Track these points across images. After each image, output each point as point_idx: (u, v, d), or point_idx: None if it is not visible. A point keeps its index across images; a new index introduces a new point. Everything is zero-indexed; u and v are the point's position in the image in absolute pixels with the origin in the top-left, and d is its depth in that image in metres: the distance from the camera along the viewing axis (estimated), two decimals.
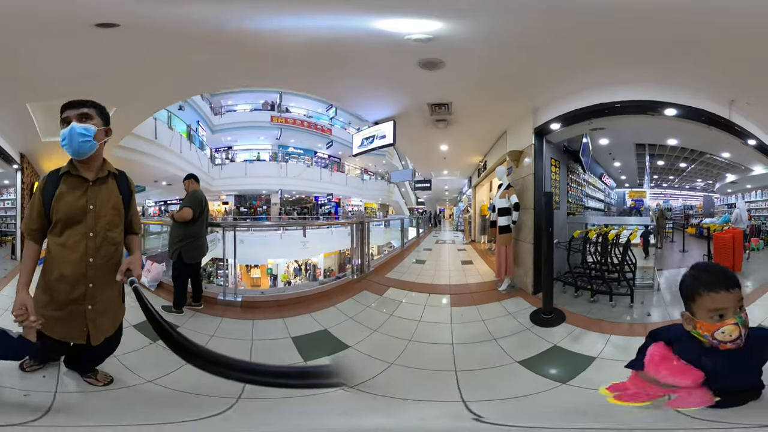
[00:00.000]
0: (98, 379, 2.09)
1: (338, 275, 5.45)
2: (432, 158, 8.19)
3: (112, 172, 1.99)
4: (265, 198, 20.66)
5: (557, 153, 4.89)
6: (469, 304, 4.22)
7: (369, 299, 4.51)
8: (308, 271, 16.92)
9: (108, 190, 1.94)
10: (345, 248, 8.63)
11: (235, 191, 19.99)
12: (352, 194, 22.45)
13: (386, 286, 4.94)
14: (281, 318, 3.64)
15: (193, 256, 3.66)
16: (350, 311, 4.01)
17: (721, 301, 1.24)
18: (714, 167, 5.82)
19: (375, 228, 14.59)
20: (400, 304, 4.36)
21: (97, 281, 1.86)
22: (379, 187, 24.07)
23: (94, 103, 1.91)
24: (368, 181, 23.70)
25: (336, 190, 20.93)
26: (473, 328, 3.55)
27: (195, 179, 3.96)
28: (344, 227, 7.00)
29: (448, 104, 4.50)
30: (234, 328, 3.45)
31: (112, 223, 1.92)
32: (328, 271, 16.80)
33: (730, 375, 1.28)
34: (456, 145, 6.76)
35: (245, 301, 4.06)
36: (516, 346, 2.97)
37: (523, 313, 3.70)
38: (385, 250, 14.76)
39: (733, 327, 1.21)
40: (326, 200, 20.82)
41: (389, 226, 12.27)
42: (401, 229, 9.57)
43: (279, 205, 20.48)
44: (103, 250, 1.87)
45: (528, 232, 4.60)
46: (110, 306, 1.96)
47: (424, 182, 11.86)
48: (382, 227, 12.62)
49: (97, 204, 1.87)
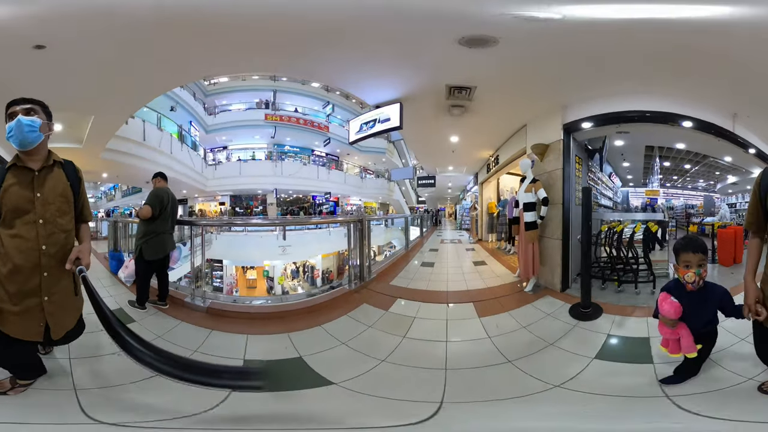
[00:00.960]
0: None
1: (332, 284, 4.64)
2: (438, 151, 7.52)
3: (58, 161, 2.01)
4: (261, 198, 20.19)
5: (579, 150, 4.83)
6: (498, 312, 3.63)
7: (371, 315, 3.61)
8: (306, 273, 16.40)
9: (55, 178, 1.95)
10: (344, 249, 7.99)
11: (230, 191, 19.56)
12: (351, 193, 21.88)
13: (392, 297, 4.08)
14: (245, 335, 3.07)
15: (153, 253, 3.59)
16: (344, 333, 3.11)
17: (689, 258, 2.03)
18: (716, 169, 6.26)
19: (375, 227, 14.09)
20: (414, 320, 3.47)
21: (52, 270, 1.86)
22: (379, 185, 23.50)
23: (37, 101, 1.97)
24: (368, 180, 23.11)
25: (334, 188, 20.34)
26: (519, 337, 3.06)
27: (162, 177, 3.92)
28: (342, 227, 6.17)
29: (472, 89, 3.91)
30: (186, 334, 3.11)
31: (61, 210, 1.93)
32: (327, 273, 16.28)
33: (693, 314, 2.06)
34: (468, 136, 6.11)
35: (212, 308, 3.64)
36: (578, 344, 2.85)
37: (560, 312, 3.52)
38: (385, 250, 14.28)
39: (692, 274, 2.01)
40: (324, 199, 20.23)
41: (392, 225, 11.66)
42: (406, 229, 8.88)
43: (276, 205, 20.00)
44: (54, 237, 1.88)
45: (555, 228, 4.34)
46: (67, 298, 1.94)
47: (427, 179, 11.21)
48: (383, 226, 12.03)
49: (44, 191, 1.89)
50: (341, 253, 15.12)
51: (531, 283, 4.27)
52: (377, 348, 2.84)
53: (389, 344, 2.91)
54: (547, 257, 4.41)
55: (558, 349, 2.78)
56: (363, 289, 4.34)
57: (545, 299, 3.93)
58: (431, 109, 4.51)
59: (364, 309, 3.75)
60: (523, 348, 2.81)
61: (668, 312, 2.02)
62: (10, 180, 1.87)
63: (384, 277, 4.94)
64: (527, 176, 4.54)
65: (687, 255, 2.02)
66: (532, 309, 3.71)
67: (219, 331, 3.15)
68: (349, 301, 3.96)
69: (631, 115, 3.85)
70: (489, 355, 2.74)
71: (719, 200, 6.45)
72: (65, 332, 1.95)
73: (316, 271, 16.24)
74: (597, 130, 4.29)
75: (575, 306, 3.48)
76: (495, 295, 4.27)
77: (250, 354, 2.77)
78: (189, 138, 16.37)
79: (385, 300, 3.99)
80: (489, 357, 2.71)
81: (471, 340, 3.08)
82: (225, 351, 2.78)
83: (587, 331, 3.10)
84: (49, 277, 1.86)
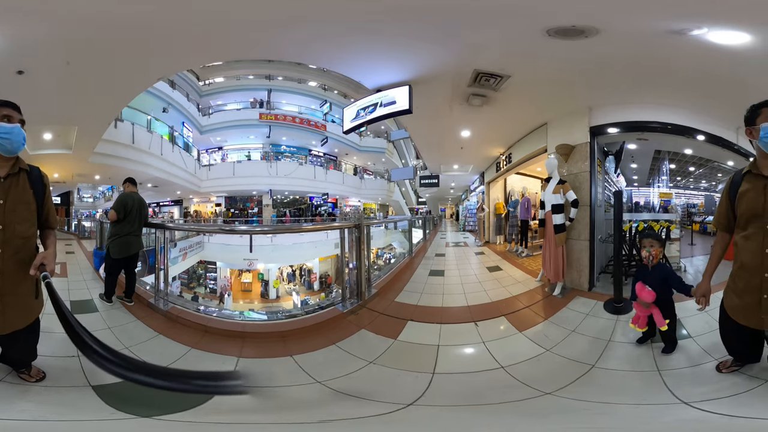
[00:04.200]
0: (31, 375, 2.12)
1: (320, 304, 3.78)
2: (446, 146, 6.93)
3: (23, 169, 2.04)
4: (257, 199, 19.66)
5: (599, 153, 4.89)
6: (537, 322, 3.34)
7: (371, 346, 2.76)
8: (303, 276, 15.81)
9: (19, 185, 2.00)
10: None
11: (224, 192, 19.05)
12: (350, 194, 21.30)
13: (401, 320, 3.27)
14: (189, 347, 2.69)
15: (118, 252, 3.81)
16: (326, 369, 2.36)
17: (645, 242, 2.68)
18: (719, 171, 6.52)
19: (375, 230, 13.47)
20: (438, 349, 2.73)
21: (6, 273, 1.91)
22: (379, 185, 22.96)
23: (10, 103, 1.98)
24: (367, 180, 22.55)
25: (332, 189, 19.77)
26: (577, 342, 2.89)
27: (131, 182, 4.17)
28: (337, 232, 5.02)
29: (503, 77, 3.51)
30: (133, 333, 2.97)
31: (22, 217, 1.97)
32: (324, 277, 15.66)
33: (646, 280, 2.60)
34: (481, 130, 5.60)
35: (170, 313, 3.40)
36: (629, 334, 2.84)
37: (597, 310, 3.50)
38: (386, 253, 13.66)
39: (645, 252, 2.63)
40: (321, 200, 19.65)
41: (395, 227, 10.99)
42: (409, 231, 8.23)
43: (272, 206, 19.45)
44: (11, 243, 1.93)
45: (583, 229, 4.36)
46: (21, 300, 1.98)
47: (431, 178, 10.60)
48: (383, 229, 11.39)
49: (8, 199, 1.94)
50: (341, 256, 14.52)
51: (559, 287, 4.09)
52: (392, 390, 2.12)
53: (409, 387, 2.15)
54: (573, 259, 4.37)
55: (622, 344, 2.76)
56: (361, 309, 3.52)
57: (577, 300, 3.84)
58: (446, 96, 3.98)
59: (363, 337, 2.99)
60: (591, 350, 2.69)
61: (646, 297, 2.54)
62: None
63: (387, 292, 4.12)
64: (553, 177, 4.34)
65: (643, 241, 2.70)
66: (570, 312, 3.55)
67: (165, 337, 2.89)
68: (341, 327, 3.14)
69: (654, 126, 4.19)
70: (563, 370, 2.41)
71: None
72: (12, 331, 1.99)
73: (313, 275, 15.65)
74: (619, 135, 4.52)
75: (609, 302, 3.56)
76: (525, 303, 3.87)
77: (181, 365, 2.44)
78: (181, 139, 15.91)
79: (390, 324, 3.20)
80: (566, 371, 2.37)
81: (528, 360, 2.60)
82: (157, 356, 2.54)
83: (629, 322, 2.96)
84: (3, 279, 1.92)
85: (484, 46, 3.10)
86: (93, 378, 2.09)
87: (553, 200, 4.23)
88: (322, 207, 19.52)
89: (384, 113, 3.97)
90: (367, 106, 4.17)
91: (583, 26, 2.66)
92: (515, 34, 2.90)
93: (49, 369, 2.16)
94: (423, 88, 3.83)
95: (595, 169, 4.49)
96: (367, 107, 4.17)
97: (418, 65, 3.50)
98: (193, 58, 4.62)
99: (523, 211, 7.10)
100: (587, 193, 4.35)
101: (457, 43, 3.05)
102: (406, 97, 3.76)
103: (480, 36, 2.94)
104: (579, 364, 2.47)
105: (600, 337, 2.89)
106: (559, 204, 4.19)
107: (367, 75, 3.84)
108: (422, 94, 3.87)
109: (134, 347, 2.65)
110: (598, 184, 4.58)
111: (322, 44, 3.23)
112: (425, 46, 3.15)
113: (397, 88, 3.84)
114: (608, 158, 5.30)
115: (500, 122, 5.15)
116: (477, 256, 7.28)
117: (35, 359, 2.16)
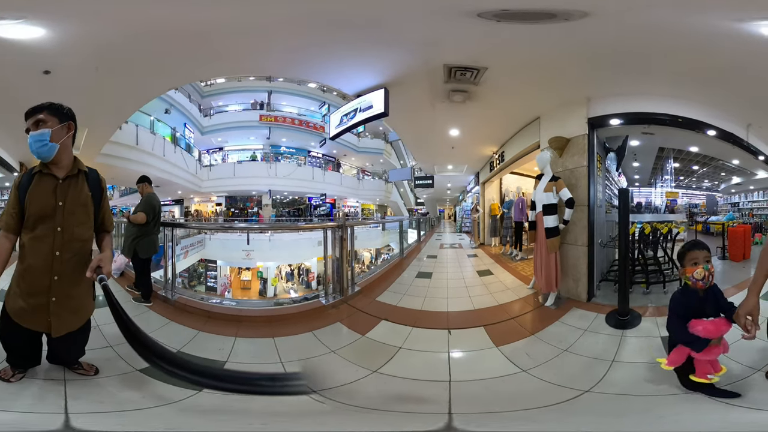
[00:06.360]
0: (85, 369, 2.16)
1: (307, 296, 4.05)
2: (436, 146, 6.95)
3: (82, 171, 2.04)
4: (257, 199, 19.82)
5: (599, 148, 4.40)
6: (521, 337, 2.99)
7: (340, 338, 2.93)
8: (301, 275, 15.93)
9: (78, 187, 2.00)
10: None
11: (224, 192, 19.24)
12: (348, 194, 21.41)
13: (376, 318, 3.31)
14: (201, 332, 3.00)
15: (147, 251, 3.87)
16: (295, 352, 2.62)
17: (695, 255, 2.04)
18: (723, 170, 6.32)
19: (372, 230, 13.58)
20: (398, 351, 2.72)
21: (63, 274, 1.93)
22: (377, 186, 23.04)
23: (47, 105, 1.95)
24: (365, 181, 22.64)
25: (330, 190, 19.90)
26: (568, 363, 2.51)
27: (148, 182, 4.09)
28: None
29: (480, 70, 3.31)
30: (149, 321, 3.22)
31: (80, 220, 1.99)
32: (323, 276, 15.68)
33: (702, 312, 1.99)
34: (470, 128, 5.52)
35: (179, 302, 3.76)
36: (641, 352, 2.57)
37: (598, 324, 3.12)
38: (384, 254, 13.77)
39: (701, 270, 1.99)
40: (320, 201, 19.77)
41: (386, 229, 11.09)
42: (400, 233, 8.32)
43: (271, 207, 19.60)
44: (69, 245, 1.94)
45: (580, 233, 3.84)
46: (75, 301, 2.01)
47: (425, 179, 10.69)
48: (379, 230, 11.51)
49: (66, 201, 1.95)
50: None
51: (552, 296, 3.68)
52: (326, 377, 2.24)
53: (343, 377, 2.26)
54: (569, 266, 3.88)
55: (628, 364, 2.41)
56: (342, 304, 3.68)
57: (573, 312, 3.43)
58: (426, 94, 3.99)
59: (336, 329, 3.13)
60: (584, 374, 2.28)
61: (712, 332, 1.88)
62: (35, 186, 1.94)
63: (370, 291, 4.17)
64: (545, 173, 3.89)
65: (693, 253, 2.04)
66: (563, 327, 3.14)
67: (175, 323, 3.18)
68: (319, 317, 3.34)
69: (662, 118, 3.76)
70: (538, 394, 2.10)
71: (722, 200, 6.52)
72: (66, 332, 2.01)
73: (311, 274, 15.77)
74: (622, 128, 4.13)
75: (611, 314, 3.16)
76: (510, 314, 3.56)
77: (187, 348, 2.67)
78: (183, 140, 16.12)
79: (365, 321, 3.28)
80: (541, 395, 2.07)
81: (492, 378, 2.34)
82: (172, 340, 2.73)
83: (639, 338, 2.77)
84: (60, 280, 1.93)
85: (437, 40, 3.03)
86: (136, 363, 2.18)
87: (544, 199, 3.77)
88: (320, 207, 19.64)
89: (363, 118, 4.08)
90: (349, 112, 4.26)
91: (553, 9, 2.46)
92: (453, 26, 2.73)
93: (93, 362, 2.24)
94: (400, 89, 3.88)
95: (595, 164, 4.05)
96: (349, 113, 4.26)
97: (389, 67, 3.56)
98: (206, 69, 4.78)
99: (518, 212, 6.90)
100: (585, 191, 3.85)
101: (412, 41, 3.06)
102: (382, 101, 3.83)
103: (425, 33, 2.89)
104: (567, 392, 2.09)
105: (600, 358, 2.53)
106: (551, 204, 3.74)
107: (345, 82, 3.96)
108: (401, 95, 3.93)
109: (153, 333, 2.84)
110: (597, 181, 4.13)
111: (287, 56, 3.41)
112: (386, 49, 3.20)
113: (374, 92, 3.92)
114: (609, 155, 5.03)
115: (489, 119, 5.03)
116: (469, 258, 7.18)
117: (83, 356, 2.21)
